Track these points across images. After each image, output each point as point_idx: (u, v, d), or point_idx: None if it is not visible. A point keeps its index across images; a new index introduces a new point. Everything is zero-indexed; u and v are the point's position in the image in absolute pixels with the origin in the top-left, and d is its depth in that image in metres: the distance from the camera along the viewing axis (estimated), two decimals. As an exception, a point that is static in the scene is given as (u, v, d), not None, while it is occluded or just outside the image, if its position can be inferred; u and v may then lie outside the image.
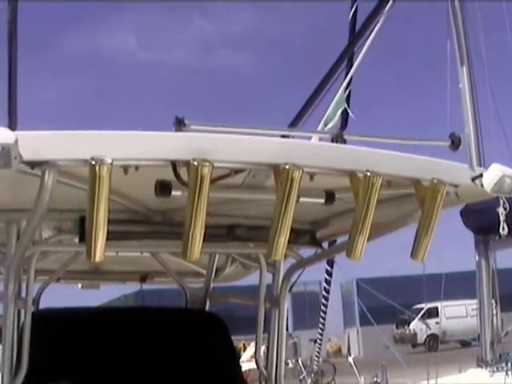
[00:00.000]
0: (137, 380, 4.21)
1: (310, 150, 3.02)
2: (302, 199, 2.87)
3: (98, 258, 2.72)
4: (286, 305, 4.24)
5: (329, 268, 12.41)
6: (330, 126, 10.78)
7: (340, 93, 11.49)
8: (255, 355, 4.37)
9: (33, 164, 2.71)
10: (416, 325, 36.83)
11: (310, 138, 3.47)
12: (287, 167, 2.75)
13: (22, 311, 3.85)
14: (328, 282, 12.87)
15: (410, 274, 38.17)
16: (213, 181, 2.72)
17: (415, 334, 37.50)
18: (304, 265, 4.11)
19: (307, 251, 4.14)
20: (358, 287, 31.62)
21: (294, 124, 11.30)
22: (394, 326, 36.65)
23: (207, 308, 5.08)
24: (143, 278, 5.64)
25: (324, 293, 13.24)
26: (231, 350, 4.74)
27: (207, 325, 4.74)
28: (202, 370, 4.42)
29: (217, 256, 4.99)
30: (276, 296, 4.20)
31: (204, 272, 5.20)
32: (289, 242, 2.92)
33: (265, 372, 4.23)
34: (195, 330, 4.65)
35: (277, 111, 46.15)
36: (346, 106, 11.78)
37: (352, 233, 2.97)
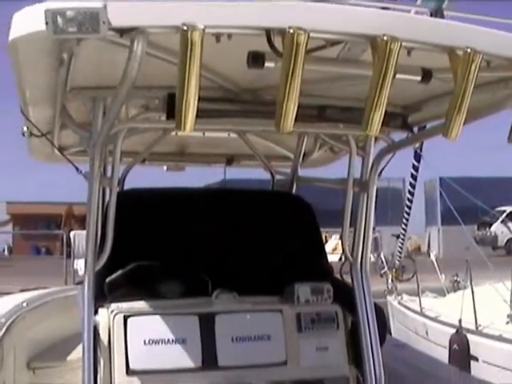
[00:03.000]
0: (222, 259, 4.20)
1: (409, 22, 2.89)
2: (398, 76, 2.74)
3: (188, 129, 2.64)
4: (375, 190, 4.12)
5: (416, 163, 12.23)
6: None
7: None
8: (341, 240, 4.28)
9: (122, 31, 2.63)
10: (497, 227, 36.48)
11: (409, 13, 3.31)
12: (385, 39, 2.65)
13: (107, 191, 3.85)
14: (414, 177, 12.70)
15: (494, 175, 37.89)
16: (308, 52, 2.60)
17: (496, 237, 37.16)
18: (395, 149, 4.00)
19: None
20: (441, 186, 31.33)
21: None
22: (476, 228, 36.33)
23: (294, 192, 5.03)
24: (229, 160, 5.60)
25: (410, 188, 13.09)
26: (317, 232, 4.69)
27: (294, 207, 4.70)
28: (288, 250, 4.40)
29: (305, 140, 4.89)
30: (365, 180, 4.10)
31: (291, 156, 5.12)
32: (382, 124, 2.83)
33: (351, 258, 4.15)
34: (282, 211, 4.63)
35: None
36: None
37: (449, 112, 2.87)
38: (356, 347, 4.04)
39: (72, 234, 17.70)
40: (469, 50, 2.76)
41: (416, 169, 12.48)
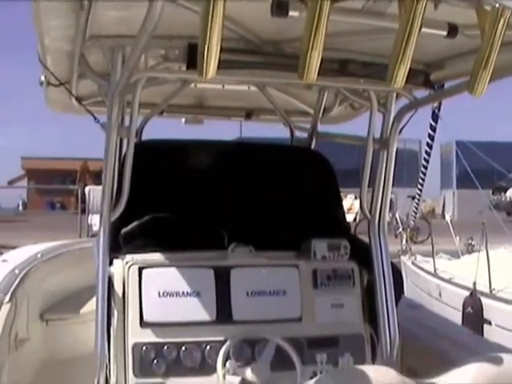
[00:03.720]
0: (239, 213, 4.17)
1: None
2: (424, 30, 2.66)
3: (210, 76, 2.57)
4: (395, 147, 4.07)
5: (433, 123, 12.14)
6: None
7: None
8: (360, 197, 4.23)
9: None
10: (513, 193, 36.44)
11: None
12: None
13: (125, 142, 3.81)
14: (431, 138, 12.63)
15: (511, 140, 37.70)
16: (333, 1, 2.51)
17: (511, 202, 37.10)
18: (416, 106, 3.94)
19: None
20: (457, 149, 31.25)
21: None
22: (491, 192, 36.24)
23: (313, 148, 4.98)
24: (249, 114, 5.55)
25: (427, 148, 13.03)
26: (336, 188, 4.63)
27: (313, 162, 4.64)
28: (306, 206, 4.37)
29: (325, 95, 4.84)
30: (385, 137, 4.04)
31: (311, 111, 5.07)
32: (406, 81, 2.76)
33: (369, 215, 4.11)
34: (301, 166, 4.59)
35: None
36: None
37: (474, 69, 2.77)
38: (371, 305, 4.01)
39: (87, 189, 17.78)
40: (497, 5, 2.67)
41: (433, 129, 12.41)
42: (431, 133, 12.31)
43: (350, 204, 21.51)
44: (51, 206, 37.64)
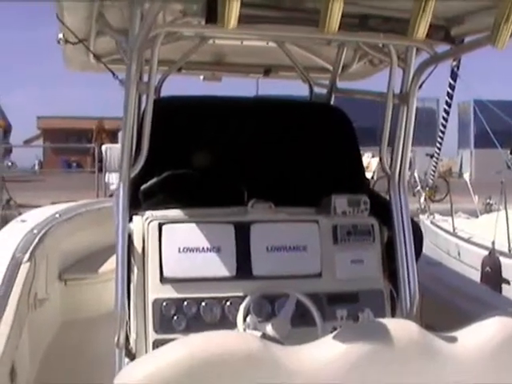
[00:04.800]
0: (259, 169, 4.15)
1: None
2: None
3: (230, 26, 2.53)
4: (415, 103, 4.02)
5: (452, 81, 12.04)
6: None
7: None
8: (380, 153, 4.19)
9: None
10: (531, 153, 36.21)
11: None
12: None
13: (143, 98, 3.79)
14: (450, 96, 12.52)
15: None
16: None
17: (530, 162, 36.90)
18: (437, 60, 3.87)
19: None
20: (475, 108, 31.01)
21: None
22: (509, 152, 36.04)
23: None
24: (267, 70, 5.51)
25: (445, 106, 12.93)
26: (355, 144, 4.60)
27: (333, 117, 4.61)
28: (325, 161, 4.35)
29: (344, 51, 4.79)
30: (405, 92, 3.99)
31: (330, 68, 5.02)
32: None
33: (388, 171, 4.07)
34: (320, 121, 4.55)
35: None
36: None
37: (496, 21, 2.74)
38: (391, 262, 4.00)
39: (104, 147, 17.78)
40: None
41: (452, 88, 12.31)
42: (450, 91, 12.21)
43: (367, 162, 21.40)
44: (67, 166, 37.69)
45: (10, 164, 31.56)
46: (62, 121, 40.08)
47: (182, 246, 3.68)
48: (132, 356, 3.59)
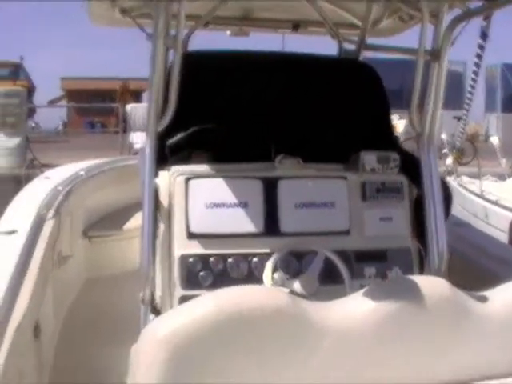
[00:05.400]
0: (287, 125, 4.09)
1: None
2: None
3: None
4: (447, 60, 3.92)
5: (481, 42, 11.84)
6: None
7: None
8: (409, 111, 4.10)
9: None
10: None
11: None
12: None
13: (171, 52, 3.72)
14: (479, 57, 12.32)
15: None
16: None
17: (557, 126, 36.52)
18: (469, 16, 3.80)
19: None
20: (503, 72, 30.76)
21: None
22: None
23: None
24: (295, 26, 5.41)
25: (474, 67, 12.72)
26: (385, 101, 4.51)
27: (362, 74, 4.54)
28: (355, 118, 4.29)
29: (374, 6, 4.70)
30: (437, 49, 3.89)
31: (359, 24, 4.93)
32: None
33: (418, 129, 4.00)
34: (350, 77, 4.49)
35: None
36: None
37: None
38: (419, 220, 3.94)
39: (128, 107, 17.79)
40: None
41: (482, 48, 12.12)
42: (479, 52, 12.04)
43: (395, 124, 21.26)
44: (91, 126, 37.77)
45: (33, 125, 31.69)
46: (85, 82, 40.05)
47: (208, 201, 3.63)
48: (157, 312, 3.57)
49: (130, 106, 17.54)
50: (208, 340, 2.28)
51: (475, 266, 4.81)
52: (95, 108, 36.19)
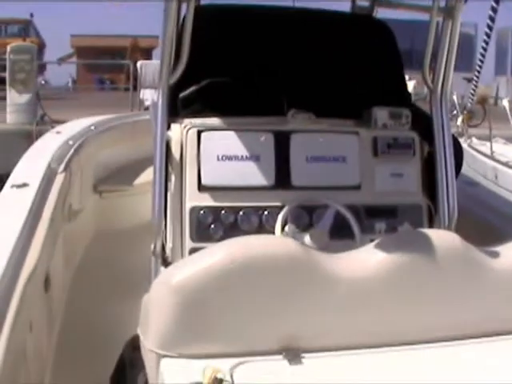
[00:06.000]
0: (299, 80, 4.07)
1: None
2: None
3: None
4: (460, 16, 3.90)
5: (494, 4, 11.71)
6: None
7: None
8: (423, 68, 4.09)
9: None
10: None
11: None
12: None
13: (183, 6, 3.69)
14: (492, 19, 12.19)
15: None
16: None
17: None
18: None
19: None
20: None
21: None
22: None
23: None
24: None
25: (487, 29, 12.59)
26: (398, 57, 4.47)
27: (376, 30, 4.49)
28: (367, 74, 4.25)
29: None
30: (450, 5, 3.89)
31: None
32: None
33: (431, 85, 3.99)
34: (363, 33, 4.44)
35: None
36: None
37: None
38: (430, 177, 3.95)
39: (139, 63, 17.69)
40: None
41: (494, 10, 12.00)
42: (492, 14, 11.93)
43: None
44: (101, 83, 37.55)
45: (43, 82, 31.57)
46: (95, 39, 39.77)
47: (220, 153, 3.64)
48: (168, 265, 3.59)
49: (140, 63, 17.44)
50: (220, 287, 2.31)
51: (484, 223, 4.82)
52: (105, 65, 35.91)
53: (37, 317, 3.51)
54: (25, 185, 4.28)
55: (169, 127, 3.68)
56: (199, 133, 3.66)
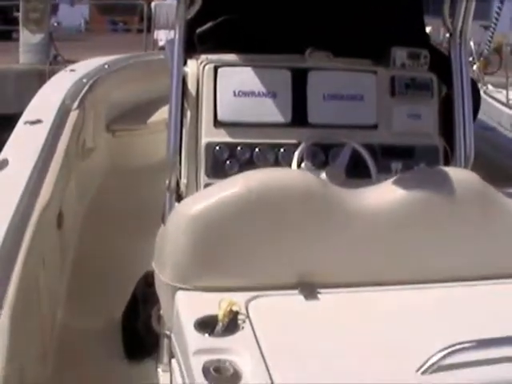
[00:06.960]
0: (318, 18, 4.02)
1: None
2: None
3: None
4: None
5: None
6: None
7: None
8: (443, 9, 4.00)
9: None
10: None
11: None
12: None
13: None
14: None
15: None
16: None
17: None
18: None
19: None
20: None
21: None
22: None
23: None
24: None
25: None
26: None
27: None
28: (387, 14, 4.11)
29: None
30: None
31: None
32: None
33: (450, 27, 3.95)
34: None
35: None
36: None
37: None
38: (447, 119, 3.91)
39: (153, 3, 17.50)
40: None
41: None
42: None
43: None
44: (114, 25, 37.26)
45: (55, 24, 31.31)
46: (108, -20, 39.33)
47: (237, 89, 3.61)
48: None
49: (154, 3, 17.27)
50: (236, 218, 2.31)
51: (500, 166, 4.80)
52: (118, 7, 35.49)
53: (49, 252, 3.53)
54: (39, 121, 4.27)
55: (185, 63, 3.64)
56: (216, 68, 3.63)
